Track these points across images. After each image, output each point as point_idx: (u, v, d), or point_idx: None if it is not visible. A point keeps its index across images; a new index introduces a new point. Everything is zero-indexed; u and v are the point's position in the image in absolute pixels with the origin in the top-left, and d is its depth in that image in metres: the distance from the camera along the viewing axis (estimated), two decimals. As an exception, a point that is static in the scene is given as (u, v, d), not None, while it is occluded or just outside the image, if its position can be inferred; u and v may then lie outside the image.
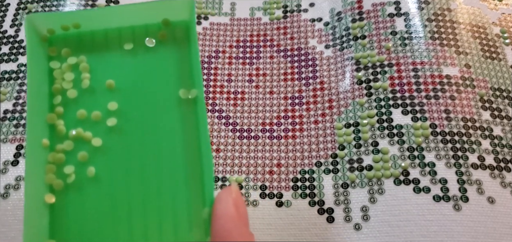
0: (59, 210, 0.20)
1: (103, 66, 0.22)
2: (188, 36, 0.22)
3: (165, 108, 0.21)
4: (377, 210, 0.26)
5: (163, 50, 0.22)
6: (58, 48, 0.22)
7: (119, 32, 0.23)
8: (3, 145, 0.28)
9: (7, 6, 0.34)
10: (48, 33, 0.22)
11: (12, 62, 0.31)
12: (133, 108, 0.22)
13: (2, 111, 0.29)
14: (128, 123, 0.21)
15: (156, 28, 0.23)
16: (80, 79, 0.22)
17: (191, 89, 0.22)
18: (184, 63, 0.22)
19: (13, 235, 0.25)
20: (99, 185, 0.20)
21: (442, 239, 0.24)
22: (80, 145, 0.21)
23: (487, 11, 0.33)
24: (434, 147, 0.27)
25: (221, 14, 0.35)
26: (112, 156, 0.21)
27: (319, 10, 0.34)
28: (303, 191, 0.27)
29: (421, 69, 0.29)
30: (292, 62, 0.33)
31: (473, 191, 0.26)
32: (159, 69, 0.22)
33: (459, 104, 0.28)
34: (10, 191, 0.26)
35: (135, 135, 0.21)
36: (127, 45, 0.22)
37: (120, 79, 0.22)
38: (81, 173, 0.20)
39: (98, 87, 0.22)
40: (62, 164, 0.21)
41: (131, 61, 0.22)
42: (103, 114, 0.21)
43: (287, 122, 0.30)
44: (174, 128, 0.21)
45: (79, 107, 0.21)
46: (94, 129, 0.21)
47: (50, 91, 0.22)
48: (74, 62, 0.22)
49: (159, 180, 0.20)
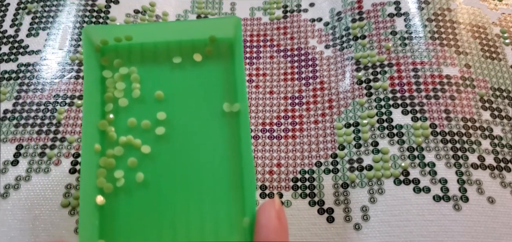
0: (108, 212, 0.21)
1: (153, 78, 0.23)
2: (233, 52, 0.24)
3: (210, 120, 0.22)
4: (377, 210, 0.26)
5: (209, 65, 0.24)
6: (110, 59, 0.24)
7: (167, 46, 0.24)
8: (3, 144, 0.28)
9: (7, 6, 0.34)
10: (101, 44, 0.23)
11: (12, 62, 0.31)
12: (180, 118, 0.23)
13: (2, 111, 0.29)
14: (175, 132, 0.22)
15: (203, 43, 0.24)
16: (131, 89, 0.23)
17: (235, 103, 0.23)
18: (228, 78, 0.23)
19: (12, 235, 0.25)
20: (146, 189, 0.21)
21: (442, 239, 0.24)
22: (130, 151, 0.22)
23: (487, 11, 0.33)
24: (434, 147, 0.27)
25: (221, 14, 0.35)
26: (159, 163, 0.22)
27: (319, 10, 0.34)
28: (303, 191, 0.27)
29: (421, 69, 0.29)
30: (292, 62, 0.33)
31: (473, 191, 0.26)
32: (205, 82, 0.23)
33: (459, 104, 0.28)
34: (10, 191, 0.26)
35: (181, 143, 0.22)
36: (176, 58, 0.24)
37: (169, 90, 0.23)
38: (130, 177, 0.22)
39: (147, 97, 0.23)
40: (113, 169, 0.22)
41: (179, 74, 0.23)
42: (152, 123, 0.22)
43: (287, 122, 0.30)
44: (218, 139, 0.22)
45: (130, 116, 0.23)
46: (144, 137, 0.22)
47: (102, 99, 0.23)
48: (126, 73, 0.23)
49: (202, 187, 0.21)
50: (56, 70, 0.31)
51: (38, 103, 0.29)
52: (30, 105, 0.29)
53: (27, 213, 0.26)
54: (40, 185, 0.26)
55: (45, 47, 0.32)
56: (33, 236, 0.25)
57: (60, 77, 0.30)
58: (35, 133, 0.28)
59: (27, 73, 0.31)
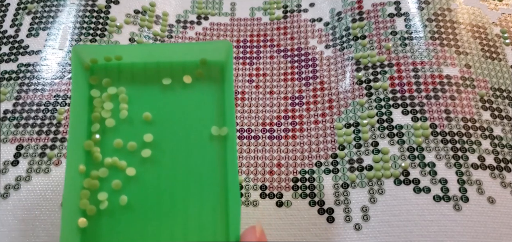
0: (90, 235, 0.21)
1: (141, 99, 0.23)
2: (223, 76, 0.23)
3: (197, 143, 0.22)
4: (377, 210, 0.26)
5: (199, 88, 0.23)
6: (99, 78, 0.23)
7: (158, 67, 0.24)
8: (3, 145, 0.28)
9: (7, 6, 0.34)
10: (91, 62, 0.23)
11: (12, 62, 0.31)
12: (167, 141, 0.22)
13: (2, 111, 0.29)
14: (162, 155, 0.22)
15: (193, 66, 0.24)
16: (119, 109, 0.23)
17: (223, 127, 0.22)
18: (218, 101, 0.23)
19: (13, 235, 0.25)
20: (130, 213, 0.21)
21: (442, 239, 0.24)
22: (115, 173, 0.22)
23: (487, 11, 0.33)
24: (434, 147, 0.27)
25: (221, 14, 0.35)
26: (144, 185, 0.22)
27: (319, 10, 0.34)
28: (303, 191, 0.27)
29: (421, 69, 0.29)
30: (292, 62, 0.33)
31: (473, 191, 0.26)
32: (194, 105, 0.23)
33: (459, 105, 0.28)
34: (10, 191, 0.26)
35: (168, 166, 0.22)
36: (166, 80, 0.23)
37: (157, 112, 0.23)
38: (114, 200, 0.21)
39: (135, 118, 0.23)
40: (96, 190, 0.21)
41: (168, 96, 0.23)
42: (138, 145, 0.22)
43: (287, 122, 0.30)
44: (205, 162, 0.22)
45: (116, 137, 0.22)
46: (129, 159, 0.22)
47: (89, 118, 0.23)
48: (114, 93, 0.23)
49: (187, 211, 0.21)
50: (56, 71, 0.31)
51: (38, 103, 0.29)
52: (30, 106, 0.29)
53: (27, 213, 0.26)
54: (40, 185, 0.26)
55: (45, 47, 0.32)
56: (34, 236, 0.25)
57: (60, 77, 0.30)
58: (35, 133, 0.28)
59: (27, 74, 0.31)
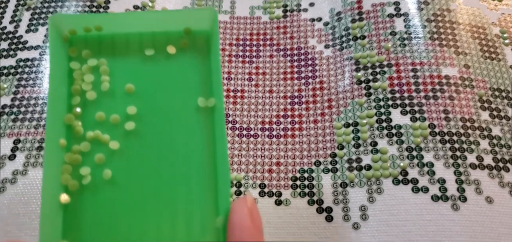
0: (73, 211, 0.20)
1: (123, 70, 0.22)
2: (209, 46, 0.23)
3: (184, 115, 0.21)
4: (376, 210, 0.26)
5: (184, 58, 0.22)
6: (78, 49, 0.22)
7: (140, 37, 0.23)
8: (1, 139, 0.28)
9: (6, 2, 0.34)
10: (69, 34, 0.22)
11: (11, 58, 0.31)
12: (151, 113, 0.21)
13: (0, 106, 0.29)
14: (146, 128, 0.21)
15: (177, 36, 0.23)
16: (100, 81, 0.22)
17: (210, 98, 0.22)
18: (204, 72, 0.22)
19: (9, 229, 0.25)
20: (114, 187, 0.20)
21: (440, 238, 0.24)
22: (97, 147, 0.21)
23: (486, 11, 0.33)
24: (432, 147, 0.27)
25: (221, 12, 0.35)
26: (128, 159, 0.21)
27: (319, 10, 0.35)
28: (302, 190, 0.27)
29: (420, 69, 0.29)
30: (292, 62, 0.33)
31: (471, 190, 0.25)
32: (179, 76, 0.22)
33: (458, 105, 0.28)
34: (6, 185, 0.26)
35: (152, 140, 0.21)
36: (148, 51, 0.22)
37: (140, 84, 0.22)
38: (97, 175, 0.20)
39: (117, 90, 0.22)
40: (78, 165, 0.21)
41: (152, 67, 0.22)
42: (121, 118, 0.21)
43: (287, 121, 0.30)
44: (192, 135, 0.21)
45: (98, 110, 0.21)
46: (112, 132, 0.21)
47: (69, 91, 0.22)
48: (95, 65, 0.22)
49: (174, 185, 0.20)
50: (55, 66, 0.31)
51: (36, 97, 0.29)
52: (28, 100, 0.29)
53: (24, 207, 0.25)
54: (37, 179, 0.26)
55: (44, 42, 0.32)
56: (30, 230, 0.25)
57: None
58: (32, 127, 0.28)
59: (26, 69, 0.31)
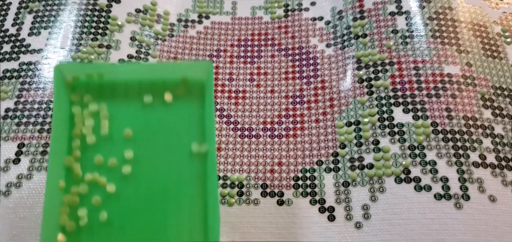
0: None
1: (122, 116, 0.23)
2: (204, 94, 0.24)
3: (178, 160, 0.22)
4: (378, 209, 0.26)
5: (180, 106, 0.24)
6: (80, 95, 0.23)
7: (139, 84, 0.24)
8: (5, 143, 0.28)
9: (8, 5, 0.34)
10: (72, 80, 0.23)
11: (14, 61, 0.31)
12: (147, 157, 0.22)
13: (3, 109, 0.29)
14: (142, 172, 0.22)
15: (174, 84, 0.24)
16: (100, 126, 0.23)
17: (203, 144, 0.22)
18: (198, 119, 0.23)
19: (14, 232, 0.25)
20: (109, 229, 0.21)
21: (443, 237, 0.24)
22: (95, 190, 0.22)
23: (488, 10, 0.33)
24: (435, 145, 0.27)
25: (223, 13, 0.35)
26: (124, 202, 0.22)
27: (320, 9, 0.35)
28: (304, 190, 0.27)
29: (422, 67, 0.29)
30: (293, 61, 0.33)
31: (474, 189, 0.25)
32: (175, 122, 0.23)
33: (460, 103, 0.28)
34: (11, 189, 0.26)
35: (148, 183, 0.22)
36: (147, 98, 0.23)
37: (138, 129, 0.23)
38: (94, 216, 0.21)
39: (116, 135, 0.23)
40: (76, 206, 0.21)
41: (149, 113, 0.23)
42: (119, 162, 0.22)
43: (288, 121, 0.30)
44: (185, 179, 0.22)
45: (97, 153, 0.22)
46: (109, 175, 0.22)
47: (69, 135, 0.23)
48: (95, 109, 0.23)
49: (166, 229, 0.21)
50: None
51: (39, 102, 0.30)
52: (31, 104, 0.29)
53: (28, 211, 0.26)
54: (42, 183, 0.26)
55: (46, 46, 0.32)
56: (35, 234, 0.25)
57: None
58: (36, 132, 0.28)
59: (29, 72, 0.31)
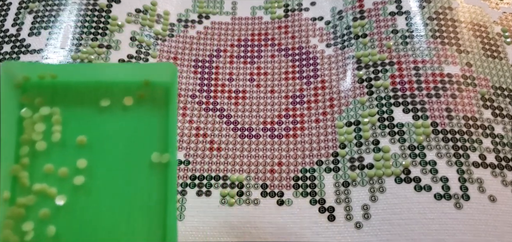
0: None
1: (76, 121, 0.21)
2: (167, 99, 0.22)
3: (136, 170, 0.21)
4: (378, 209, 0.26)
5: (141, 111, 0.22)
6: (31, 96, 0.21)
7: (96, 87, 0.22)
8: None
9: (9, 5, 0.34)
10: (23, 80, 0.21)
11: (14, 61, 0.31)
12: (103, 167, 0.21)
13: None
14: (96, 183, 0.20)
15: (135, 87, 0.22)
16: (51, 131, 0.21)
17: (164, 154, 0.21)
18: (160, 126, 0.21)
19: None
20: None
21: (443, 237, 0.24)
22: (43, 201, 0.20)
23: (488, 10, 0.33)
24: (435, 145, 0.27)
25: (223, 13, 0.35)
26: (75, 216, 0.20)
27: (320, 9, 0.35)
28: (304, 190, 0.27)
29: (422, 67, 0.29)
30: (293, 61, 0.33)
31: (474, 189, 0.25)
32: (135, 129, 0.21)
33: (460, 103, 0.28)
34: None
35: (102, 195, 0.20)
36: (104, 101, 0.21)
37: (93, 135, 0.21)
38: (41, 231, 0.19)
39: (68, 142, 0.21)
40: (21, 220, 0.19)
41: (106, 118, 0.21)
42: (70, 171, 0.20)
43: (288, 121, 0.30)
44: (143, 191, 0.20)
45: (47, 161, 0.20)
46: (60, 186, 0.20)
47: (17, 141, 0.21)
48: (47, 113, 0.21)
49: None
50: (58, 69, 0.31)
51: (39, 102, 0.30)
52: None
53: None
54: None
55: (46, 46, 0.32)
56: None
57: (62, 76, 0.31)
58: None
59: (29, 72, 0.31)
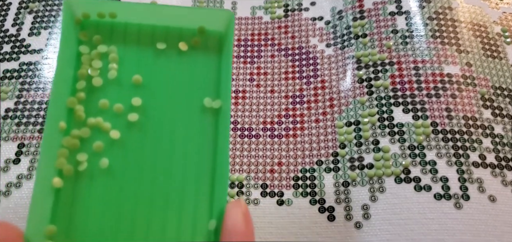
0: (65, 196, 0.20)
1: (133, 61, 0.22)
2: (221, 47, 0.22)
3: (188, 113, 0.21)
4: (378, 209, 0.26)
5: (195, 56, 0.22)
6: (89, 34, 0.22)
7: (153, 30, 0.23)
8: (5, 143, 0.28)
9: (9, 5, 0.34)
10: (82, 17, 0.22)
11: (14, 61, 0.31)
12: (156, 107, 0.21)
13: (3, 110, 0.29)
14: (149, 121, 0.21)
15: (191, 33, 0.23)
16: (108, 69, 0.21)
17: (216, 100, 0.21)
18: (214, 73, 0.22)
19: (14, 233, 0.25)
20: (109, 177, 0.20)
21: (443, 237, 0.24)
22: (97, 135, 0.20)
23: (488, 10, 0.33)
24: (435, 145, 0.27)
25: (222, 13, 0.35)
26: (127, 151, 0.20)
27: (320, 9, 0.34)
28: (304, 190, 0.27)
29: (422, 67, 0.29)
30: (293, 61, 0.33)
31: (474, 189, 0.26)
32: (188, 74, 0.22)
33: (460, 103, 0.28)
34: (11, 189, 0.26)
35: (154, 134, 0.21)
36: (160, 44, 0.22)
37: (148, 77, 0.22)
38: (94, 162, 0.20)
39: (124, 80, 0.21)
40: (76, 150, 0.20)
41: (161, 61, 0.22)
42: (125, 108, 0.21)
43: (288, 121, 0.30)
44: (194, 134, 0.21)
45: (102, 97, 0.21)
46: (114, 121, 0.21)
47: (75, 75, 0.21)
48: (104, 51, 0.22)
49: (170, 183, 0.20)
50: (58, 69, 0.31)
51: (39, 102, 0.30)
52: (31, 104, 0.29)
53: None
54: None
55: (46, 46, 0.32)
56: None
57: (62, 76, 0.31)
58: (36, 132, 0.28)
59: (29, 72, 0.31)
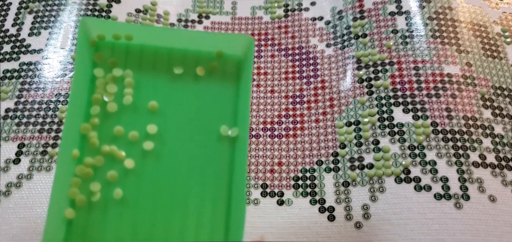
0: (77, 227, 0.19)
1: (149, 86, 0.21)
2: (240, 73, 0.22)
3: (205, 141, 0.20)
4: (378, 209, 0.26)
5: (212, 82, 0.21)
6: (104, 56, 0.21)
7: (169, 53, 0.22)
8: (5, 143, 0.28)
9: (9, 5, 0.34)
10: (97, 39, 0.21)
11: (14, 61, 0.31)
12: (172, 135, 0.20)
13: (3, 110, 0.29)
14: (164, 149, 0.20)
15: (208, 57, 0.22)
16: (123, 94, 0.21)
17: (233, 128, 0.21)
18: (231, 99, 0.21)
19: (14, 233, 0.25)
20: (123, 208, 0.19)
21: (443, 237, 0.24)
22: (111, 163, 0.20)
23: (488, 9, 0.33)
24: (435, 145, 0.27)
25: (223, 13, 0.35)
26: (142, 180, 0.20)
27: (320, 9, 0.35)
28: (304, 190, 0.27)
29: (422, 67, 0.29)
30: (293, 61, 0.33)
31: (474, 189, 0.25)
32: (205, 100, 0.21)
33: (460, 103, 0.28)
34: (11, 189, 0.26)
35: (170, 163, 0.20)
36: (177, 69, 0.21)
37: (164, 102, 0.21)
38: (107, 192, 0.19)
39: (140, 106, 0.21)
40: (89, 180, 0.19)
41: (178, 86, 0.21)
42: (140, 136, 0.20)
43: (288, 121, 0.30)
44: (211, 163, 0.20)
45: (117, 124, 0.20)
46: (129, 149, 0.20)
47: (89, 100, 0.20)
48: (120, 75, 0.21)
49: (185, 214, 0.20)
50: (58, 69, 0.31)
51: (39, 102, 0.30)
52: (31, 104, 0.29)
53: (29, 211, 0.26)
54: (42, 183, 0.27)
55: (46, 46, 0.32)
56: (35, 234, 0.25)
57: (62, 76, 0.31)
58: (36, 132, 0.28)
59: (29, 72, 0.31)
